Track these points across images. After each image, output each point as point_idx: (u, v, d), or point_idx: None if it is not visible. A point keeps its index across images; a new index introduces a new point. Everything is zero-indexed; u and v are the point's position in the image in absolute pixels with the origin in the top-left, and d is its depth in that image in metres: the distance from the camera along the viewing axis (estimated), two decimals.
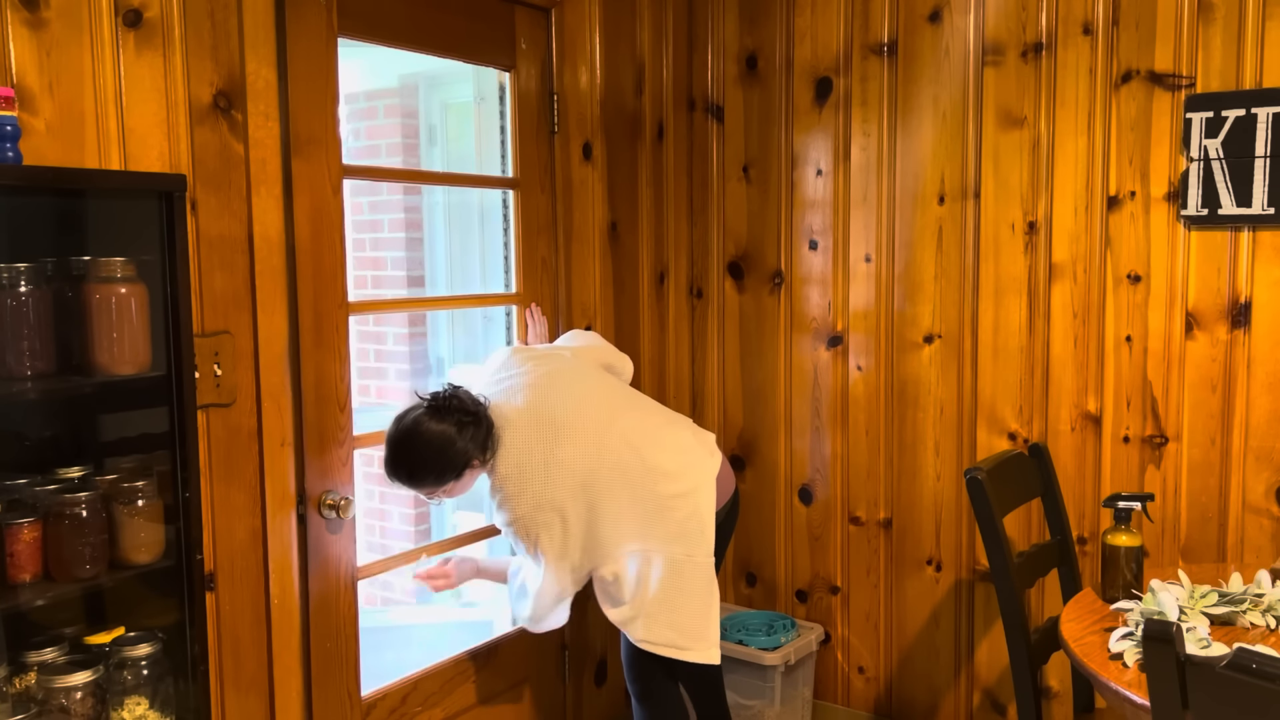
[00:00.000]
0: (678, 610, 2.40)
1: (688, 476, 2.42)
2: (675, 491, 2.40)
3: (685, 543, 2.39)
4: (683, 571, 2.39)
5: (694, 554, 2.39)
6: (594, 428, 2.40)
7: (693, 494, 2.41)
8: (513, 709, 3.00)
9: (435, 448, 2.28)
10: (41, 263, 1.77)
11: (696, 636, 2.42)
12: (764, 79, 3.35)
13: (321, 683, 2.44)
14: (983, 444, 3.05)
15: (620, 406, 2.49)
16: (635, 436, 2.42)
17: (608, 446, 2.39)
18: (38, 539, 1.77)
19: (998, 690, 3.10)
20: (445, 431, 2.29)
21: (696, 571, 2.40)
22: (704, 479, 2.44)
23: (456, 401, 2.34)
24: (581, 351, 2.72)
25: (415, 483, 2.34)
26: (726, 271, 3.48)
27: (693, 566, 2.39)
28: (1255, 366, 2.66)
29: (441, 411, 2.31)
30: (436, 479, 2.32)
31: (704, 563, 2.41)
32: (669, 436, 2.48)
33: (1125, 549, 2.24)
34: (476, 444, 2.33)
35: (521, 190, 2.95)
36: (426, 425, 2.29)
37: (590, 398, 2.47)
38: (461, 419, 2.31)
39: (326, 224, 2.39)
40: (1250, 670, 1.42)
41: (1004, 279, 2.98)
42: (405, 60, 3.83)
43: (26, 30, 1.87)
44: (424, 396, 2.36)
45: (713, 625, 2.43)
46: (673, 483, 2.41)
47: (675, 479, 2.41)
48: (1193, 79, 2.67)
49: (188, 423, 1.88)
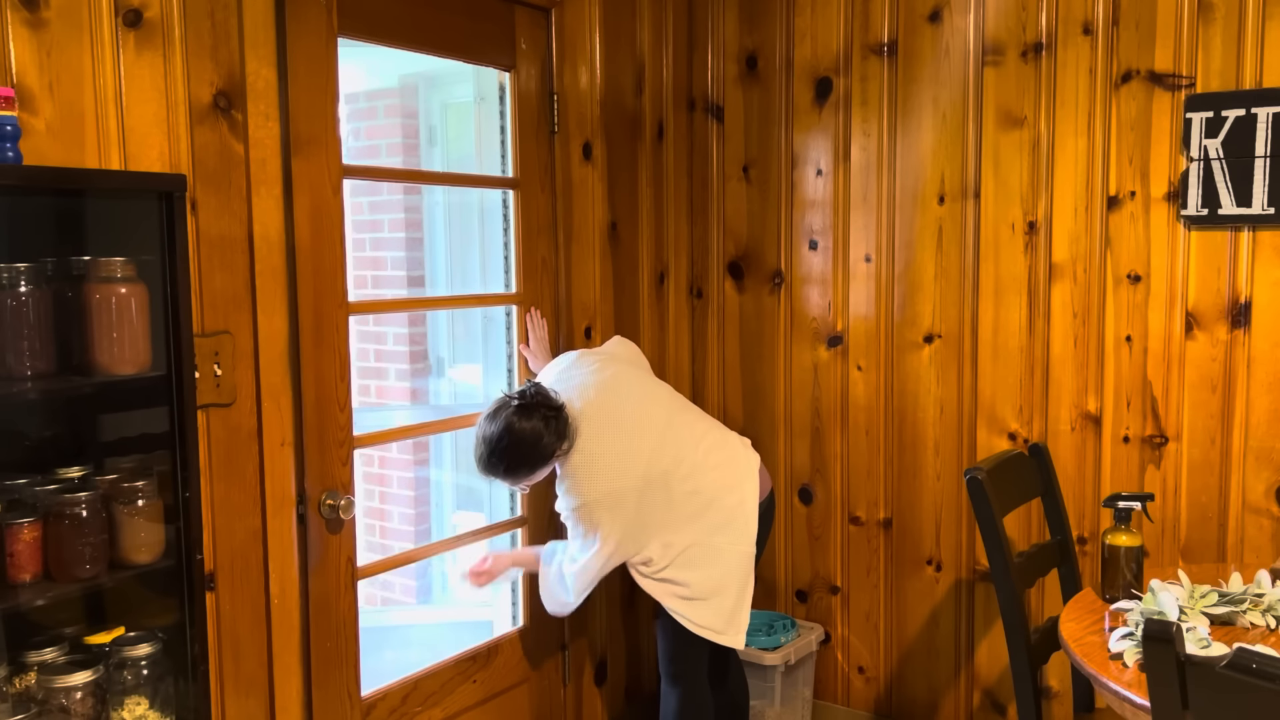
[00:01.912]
0: (720, 595, 2.60)
1: (735, 470, 2.65)
2: (725, 484, 2.62)
3: (731, 532, 2.60)
4: (728, 560, 2.60)
5: (738, 544, 2.61)
6: (657, 425, 2.62)
7: (738, 487, 2.63)
8: (513, 709, 3.00)
9: (529, 444, 2.49)
10: (41, 263, 1.76)
11: (731, 621, 2.62)
12: (764, 79, 3.35)
13: (321, 683, 2.44)
14: (983, 444, 3.05)
15: (676, 408, 2.72)
16: (690, 434, 2.65)
17: (668, 441, 2.60)
18: (38, 539, 1.77)
19: (998, 690, 3.10)
20: (535, 428, 2.49)
21: (740, 561, 2.61)
22: (749, 474, 2.67)
23: (541, 398, 2.54)
24: (634, 359, 2.97)
25: (511, 476, 2.55)
26: (726, 271, 3.48)
27: (737, 555, 2.61)
28: (1255, 366, 2.66)
29: (529, 409, 2.51)
30: (530, 471, 2.54)
31: (747, 552, 2.62)
32: (716, 435, 2.71)
33: (1125, 549, 2.24)
34: (560, 436, 2.53)
35: (521, 190, 2.95)
36: (519, 424, 2.49)
37: (651, 398, 2.70)
38: (546, 414, 2.51)
39: (326, 224, 2.39)
40: (1250, 670, 1.42)
41: (1004, 279, 2.98)
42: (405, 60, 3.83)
43: (26, 30, 1.87)
44: (511, 396, 2.55)
45: (745, 612, 2.63)
46: (722, 475, 2.63)
47: (724, 472, 2.63)
48: (1193, 79, 2.67)
49: (188, 422, 1.88)
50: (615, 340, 3.08)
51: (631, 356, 2.97)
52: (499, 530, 3.04)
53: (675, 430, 2.63)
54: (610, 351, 2.94)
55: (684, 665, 2.69)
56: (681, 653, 2.68)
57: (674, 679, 2.71)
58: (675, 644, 2.68)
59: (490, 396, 3.15)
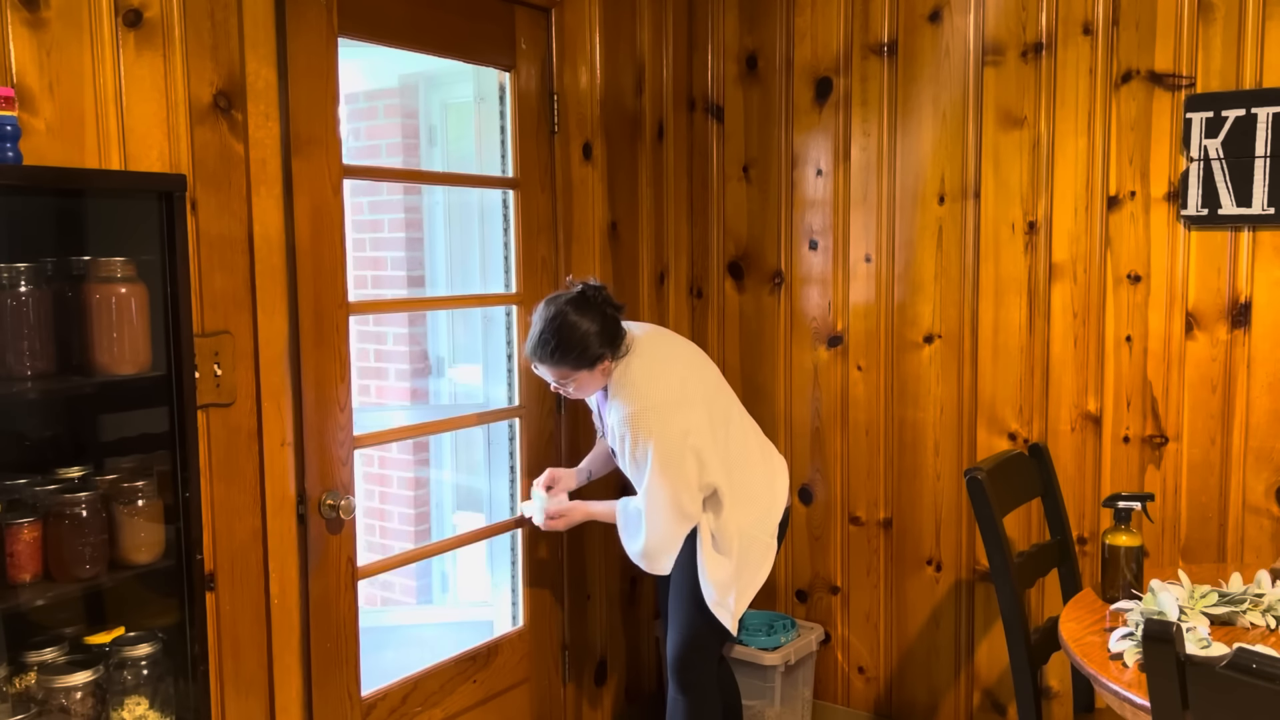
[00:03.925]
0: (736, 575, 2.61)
1: (773, 463, 2.76)
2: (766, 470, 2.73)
3: (759, 509, 2.66)
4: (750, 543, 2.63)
5: (763, 529, 2.67)
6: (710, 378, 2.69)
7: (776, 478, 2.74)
8: (513, 709, 3.00)
9: (580, 331, 2.47)
10: (41, 263, 1.77)
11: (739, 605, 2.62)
12: (764, 79, 3.35)
13: (321, 683, 2.44)
14: (983, 444, 3.05)
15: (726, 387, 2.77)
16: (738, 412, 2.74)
17: (720, 394, 2.69)
18: (38, 539, 1.77)
19: (998, 690, 3.10)
20: (590, 319, 2.48)
21: (763, 549, 2.66)
22: (783, 469, 2.78)
23: (603, 295, 2.54)
24: None
25: (555, 362, 2.49)
26: (726, 271, 3.48)
27: (759, 543, 2.65)
28: (1255, 366, 2.66)
29: (588, 302, 2.50)
30: (575, 363, 2.49)
31: (767, 543, 2.67)
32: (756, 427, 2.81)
33: (1125, 549, 2.24)
34: (612, 341, 2.51)
35: (521, 190, 2.95)
36: (574, 313, 2.48)
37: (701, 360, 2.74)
38: (606, 311, 2.52)
39: (326, 224, 2.39)
40: (1250, 670, 1.42)
41: (1004, 279, 2.98)
42: (405, 60, 3.83)
43: (26, 30, 1.87)
44: (573, 284, 2.55)
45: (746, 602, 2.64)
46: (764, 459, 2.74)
47: (766, 458, 2.75)
48: (1193, 79, 2.67)
49: (188, 423, 1.88)
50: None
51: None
52: (499, 530, 3.04)
53: (724, 403, 2.68)
54: None
55: (693, 674, 2.65)
56: (691, 660, 2.65)
57: (684, 687, 2.67)
58: (685, 651, 2.64)
59: (490, 396, 3.17)
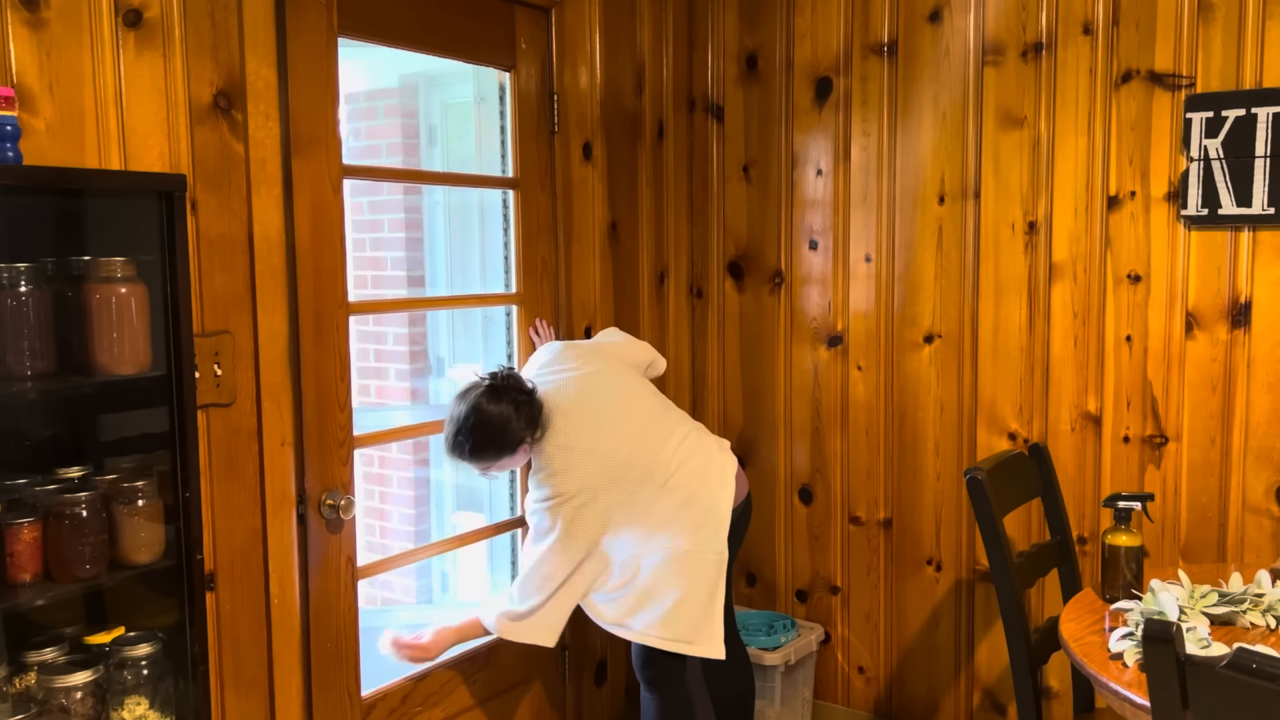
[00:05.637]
0: (687, 604, 2.51)
1: (710, 473, 2.60)
2: (700, 487, 2.57)
3: (702, 536, 2.53)
4: (695, 566, 2.52)
5: (706, 551, 2.54)
6: (635, 426, 2.57)
7: (713, 491, 2.58)
8: (513, 709, 3.00)
9: (496, 427, 2.43)
10: (41, 263, 1.77)
11: (699, 631, 2.53)
12: (764, 79, 3.34)
13: (321, 683, 2.44)
14: (983, 444, 3.05)
15: (657, 411, 2.66)
16: (668, 437, 2.60)
17: (645, 446, 2.55)
18: (38, 539, 1.77)
19: (998, 690, 3.10)
20: (503, 411, 2.44)
21: (708, 567, 2.53)
22: (724, 478, 2.61)
23: (513, 381, 2.50)
24: (623, 353, 2.87)
25: (476, 459, 2.47)
26: (726, 271, 3.48)
27: (705, 562, 2.53)
28: (1255, 366, 2.66)
29: (500, 391, 2.46)
30: (495, 455, 2.47)
31: (714, 560, 2.54)
32: (694, 438, 2.65)
33: (1125, 549, 2.24)
34: (530, 423, 2.48)
35: (521, 190, 2.95)
36: (486, 406, 2.44)
37: (633, 400, 2.65)
38: (517, 398, 2.47)
39: (326, 224, 2.39)
40: (1250, 670, 1.42)
41: (1004, 279, 2.98)
42: (405, 60, 3.83)
43: (26, 30, 1.87)
44: (482, 377, 2.50)
45: (716, 619, 2.54)
46: (698, 477, 2.57)
47: (700, 474, 2.58)
48: (1193, 79, 2.67)
49: (188, 423, 1.88)
50: (606, 331, 3.04)
51: (620, 350, 2.89)
52: (499, 530, 3.04)
53: (656, 433, 2.58)
54: (597, 345, 2.88)
55: (654, 669, 2.61)
56: (649, 656, 2.60)
57: (649, 683, 2.64)
58: (641, 648, 2.61)
59: None
